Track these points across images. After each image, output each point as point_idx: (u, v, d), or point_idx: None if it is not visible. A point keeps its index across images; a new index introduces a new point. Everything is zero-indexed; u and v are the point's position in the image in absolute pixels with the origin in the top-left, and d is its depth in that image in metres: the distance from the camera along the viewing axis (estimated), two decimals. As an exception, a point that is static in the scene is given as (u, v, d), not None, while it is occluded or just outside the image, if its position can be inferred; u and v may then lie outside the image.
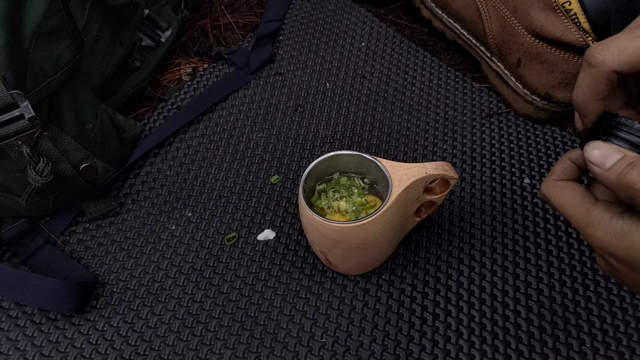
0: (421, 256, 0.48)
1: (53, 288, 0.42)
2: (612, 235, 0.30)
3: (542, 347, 0.43)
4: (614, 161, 0.29)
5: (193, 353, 0.42)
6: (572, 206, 0.32)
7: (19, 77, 0.40)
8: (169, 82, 0.62)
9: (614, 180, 0.29)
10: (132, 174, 0.53)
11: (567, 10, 0.50)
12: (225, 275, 0.46)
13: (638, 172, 0.28)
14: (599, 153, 0.30)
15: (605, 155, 0.30)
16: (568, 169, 0.35)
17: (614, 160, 0.29)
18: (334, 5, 0.71)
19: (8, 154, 0.41)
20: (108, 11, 0.54)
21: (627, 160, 0.29)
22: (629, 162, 0.28)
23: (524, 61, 0.55)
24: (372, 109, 0.59)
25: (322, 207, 0.43)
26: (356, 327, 0.44)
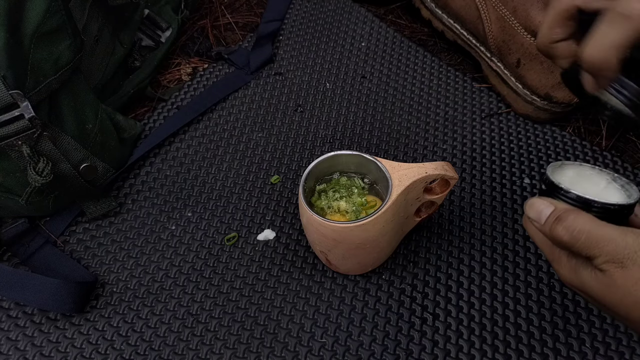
0: (421, 256, 0.48)
1: (53, 288, 0.42)
2: (568, 272, 0.32)
3: (542, 347, 0.43)
4: (547, 215, 0.31)
5: (193, 353, 0.42)
6: (541, 240, 0.34)
7: (19, 77, 0.40)
8: (169, 82, 0.62)
9: (548, 233, 0.32)
10: (132, 174, 0.53)
11: None
12: (225, 275, 0.46)
13: (563, 226, 0.30)
14: (535, 209, 0.32)
15: (539, 211, 0.32)
16: None
17: (546, 215, 0.32)
18: (334, 5, 0.71)
19: (8, 154, 0.41)
20: (108, 11, 0.54)
21: (555, 214, 0.31)
22: (557, 217, 0.31)
23: (523, 61, 0.55)
24: (372, 109, 0.59)
25: (322, 207, 0.43)
26: (356, 327, 0.44)
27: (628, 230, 0.30)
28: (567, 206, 0.31)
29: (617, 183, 0.34)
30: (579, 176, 0.35)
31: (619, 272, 0.29)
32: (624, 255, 0.29)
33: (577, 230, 0.30)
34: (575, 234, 0.30)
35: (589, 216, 0.31)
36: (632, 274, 0.28)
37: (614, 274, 0.29)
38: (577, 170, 0.35)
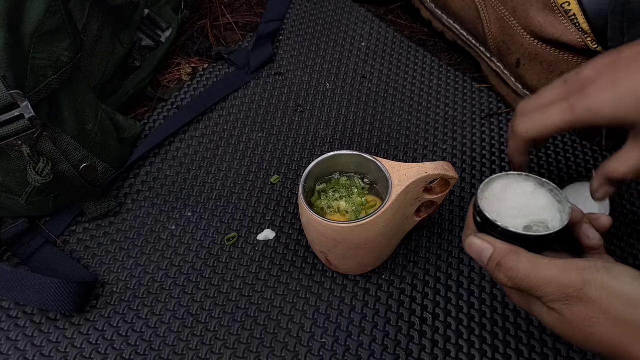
0: (421, 256, 0.48)
1: (53, 288, 0.42)
2: (522, 302, 0.33)
3: (542, 347, 0.43)
4: (487, 258, 0.32)
5: (193, 353, 0.42)
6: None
7: (19, 77, 0.40)
8: (169, 82, 0.62)
9: (492, 276, 0.33)
10: (132, 174, 0.53)
11: (567, 10, 0.50)
12: (225, 275, 0.46)
13: (504, 274, 0.31)
14: (474, 250, 0.33)
15: (479, 252, 0.33)
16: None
17: (487, 257, 0.32)
18: (334, 5, 0.71)
19: (8, 154, 0.41)
20: (108, 11, 0.54)
21: (495, 259, 0.32)
22: (497, 262, 0.32)
23: (523, 62, 0.55)
24: (372, 109, 0.59)
25: (322, 207, 0.43)
26: (356, 327, 0.44)
27: (571, 265, 0.30)
28: (505, 246, 0.32)
29: (545, 188, 0.35)
30: (508, 186, 0.35)
31: (566, 309, 0.29)
32: (568, 294, 0.29)
33: (517, 277, 0.31)
34: (517, 280, 0.31)
35: (528, 258, 0.31)
36: (579, 312, 0.29)
37: (563, 311, 0.29)
38: (505, 181, 0.36)
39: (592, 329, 0.29)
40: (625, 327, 0.28)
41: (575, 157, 0.56)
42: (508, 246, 0.32)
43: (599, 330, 0.28)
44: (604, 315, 0.28)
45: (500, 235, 0.32)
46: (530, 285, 0.30)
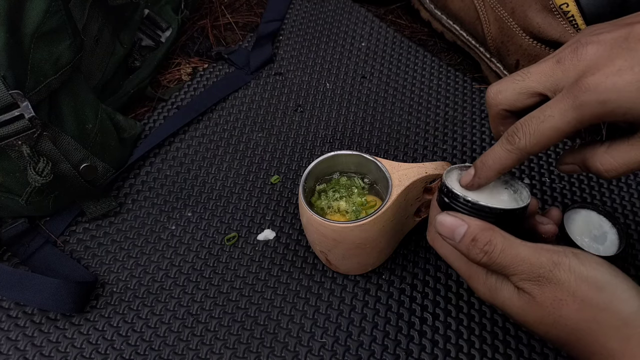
0: (421, 256, 0.48)
1: (53, 288, 0.42)
2: (488, 289, 0.32)
3: (542, 347, 0.43)
4: (461, 235, 0.31)
5: (193, 353, 0.42)
6: (455, 259, 0.35)
7: (19, 77, 0.40)
8: (169, 82, 0.62)
9: (465, 253, 0.32)
10: (132, 174, 0.53)
11: (565, 12, 0.50)
12: (225, 275, 0.46)
13: (479, 249, 0.31)
14: (447, 227, 0.32)
15: (452, 229, 0.32)
16: None
17: (460, 234, 0.31)
18: (334, 5, 0.71)
19: (8, 154, 0.41)
20: (108, 11, 0.54)
21: (470, 234, 0.31)
22: (472, 237, 0.31)
23: (522, 62, 0.55)
24: (372, 109, 0.59)
25: (322, 207, 0.43)
26: (356, 327, 0.44)
27: (541, 248, 0.30)
28: (480, 222, 0.31)
29: (499, 179, 0.35)
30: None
31: (536, 290, 0.29)
32: (539, 274, 0.29)
33: (492, 251, 0.30)
34: (491, 254, 0.30)
35: (503, 234, 0.31)
36: (548, 293, 0.29)
37: (532, 292, 0.29)
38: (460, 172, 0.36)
39: (561, 311, 0.29)
40: (592, 310, 0.28)
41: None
42: (482, 222, 0.31)
43: (567, 312, 0.29)
44: (572, 298, 0.28)
45: (469, 212, 0.32)
46: (505, 261, 0.30)
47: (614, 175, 0.31)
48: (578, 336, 0.29)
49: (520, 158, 0.31)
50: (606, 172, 0.31)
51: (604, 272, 0.29)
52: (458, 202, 0.33)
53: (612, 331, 0.28)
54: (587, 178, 0.54)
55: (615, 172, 0.30)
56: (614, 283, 0.29)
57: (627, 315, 0.28)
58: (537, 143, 0.30)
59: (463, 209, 0.33)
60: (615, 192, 0.53)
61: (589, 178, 0.54)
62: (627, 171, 0.30)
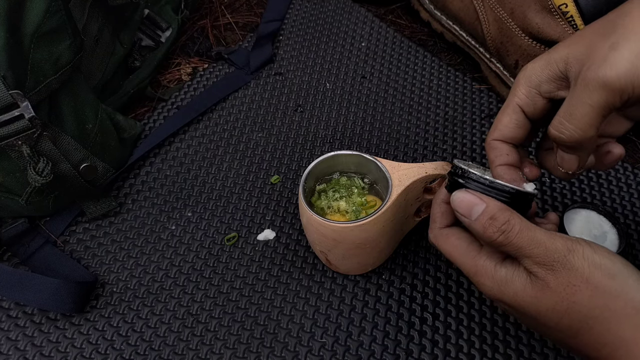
0: (421, 256, 0.48)
1: (53, 288, 0.42)
2: (498, 283, 0.32)
3: (542, 347, 0.43)
4: (479, 212, 0.31)
5: (193, 353, 0.42)
6: (460, 255, 0.34)
7: (19, 77, 0.40)
8: (169, 82, 0.62)
9: (479, 232, 0.31)
10: (132, 174, 0.53)
11: (564, 12, 0.50)
12: (225, 275, 0.46)
13: (497, 227, 0.30)
14: (465, 204, 0.32)
15: (470, 207, 0.32)
16: (445, 212, 0.36)
17: (478, 212, 0.31)
18: (334, 5, 0.71)
19: (8, 154, 0.41)
20: (108, 11, 0.54)
21: (488, 213, 0.31)
22: (490, 216, 0.31)
23: (521, 63, 0.55)
24: (372, 109, 0.59)
25: (322, 207, 0.43)
26: (356, 327, 0.44)
27: (555, 234, 0.30)
28: (498, 203, 0.31)
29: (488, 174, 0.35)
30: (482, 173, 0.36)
31: (550, 275, 0.29)
32: (553, 259, 0.29)
33: (509, 230, 0.30)
34: (509, 234, 0.30)
35: (520, 216, 0.31)
36: (563, 278, 0.29)
37: (546, 277, 0.29)
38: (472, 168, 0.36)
39: (574, 297, 0.29)
40: (604, 297, 0.28)
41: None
42: (500, 203, 0.31)
43: (581, 298, 0.29)
44: (586, 284, 0.29)
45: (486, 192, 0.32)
46: (521, 242, 0.30)
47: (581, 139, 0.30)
48: (590, 324, 0.29)
49: None
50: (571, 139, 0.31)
51: (616, 261, 0.29)
52: (473, 182, 0.32)
53: (624, 319, 0.28)
54: (587, 178, 0.54)
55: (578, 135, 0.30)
56: (626, 272, 0.29)
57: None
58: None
59: (478, 188, 0.32)
60: (615, 192, 0.53)
61: (588, 178, 0.54)
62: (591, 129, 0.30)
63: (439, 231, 0.36)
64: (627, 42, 0.28)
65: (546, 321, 0.30)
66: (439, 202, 0.36)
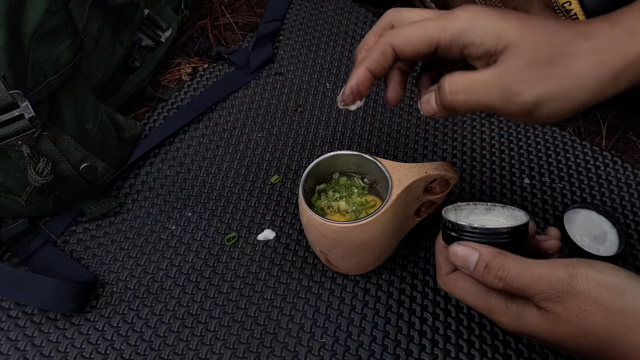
0: (421, 256, 0.48)
1: (53, 288, 0.42)
2: (513, 319, 0.32)
3: (542, 347, 0.43)
4: (474, 263, 0.32)
5: (193, 353, 0.42)
6: (471, 297, 0.34)
7: (19, 77, 0.40)
8: (169, 82, 0.62)
9: (480, 280, 0.32)
10: (132, 174, 0.53)
11: (567, 10, 0.50)
12: (225, 275, 0.46)
13: (494, 275, 0.31)
14: (460, 257, 0.32)
15: (465, 258, 0.32)
16: (448, 258, 0.36)
17: (474, 262, 0.32)
18: (334, 5, 0.71)
19: (8, 154, 0.41)
20: (108, 11, 0.54)
21: (483, 262, 0.31)
22: (485, 264, 0.31)
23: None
24: (372, 109, 0.59)
25: (322, 207, 0.43)
26: (356, 327, 0.44)
27: (555, 263, 0.30)
28: (491, 249, 0.32)
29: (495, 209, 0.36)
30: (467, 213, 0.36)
31: (559, 307, 0.29)
32: (558, 290, 0.29)
33: (508, 276, 0.30)
34: (507, 280, 0.30)
35: (514, 257, 0.31)
36: (572, 306, 0.29)
37: (556, 310, 0.29)
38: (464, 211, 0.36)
39: (588, 321, 0.29)
40: (617, 315, 0.28)
41: (575, 157, 0.56)
42: (492, 249, 0.32)
43: (594, 321, 0.29)
44: (596, 306, 0.29)
45: (478, 239, 0.33)
46: (522, 283, 0.30)
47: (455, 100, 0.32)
48: (610, 343, 0.29)
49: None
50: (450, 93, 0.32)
51: (621, 277, 0.29)
52: (465, 232, 0.33)
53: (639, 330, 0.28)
54: (587, 178, 0.54)
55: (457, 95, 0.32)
56: (633, 286, 0.29)
57: None
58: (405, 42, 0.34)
59: (471, 237, 0.33)
60: (615, 192, 0.53)
61: (588, 178, 0.54)
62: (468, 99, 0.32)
63: (446, 278, 0.36)
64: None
65: (567, 346, 0.31)
66: (440, 248, 0.37)
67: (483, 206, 0.36)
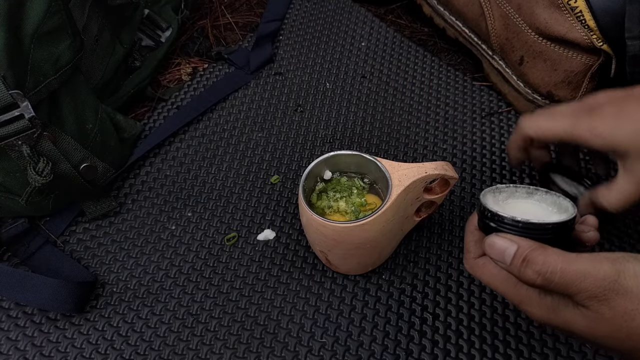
0: (421, 256, 0.48)
1: (53, 288, 0.42)
2: (544, 311, 0.30)
3: (542, 347, 0.43)
4: (511, 256, 0.30)
5: (193, 353, 0.42)
6: (500, 284, 0.33)
7: (19, 77, 0.40)
8: (169, 82, 0.62)
9: (517, 275, 0.30)
10: (132, 174, 0.53)
11: (572, 7, 0.50)
12: (225, 275, 0.46)
13: (533, 270, 0.29)
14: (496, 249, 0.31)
15: (502, 251, 0.30)
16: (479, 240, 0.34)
17: (511, 255, 0.30)
18: (334, 5, 0.70)
19: (8, 154, 0.41)
20: (108, 11, 0.54)
21: (521, 255, 0.29)
22: (523, 258, 0.29)
23: (527, 59, 0.55)
24: (372, 109, 0.59)
25: (322, 207, 0.43)
26: (356, 327, 0.44)
27: (599, 257, 0.28)
28: (530, 242, 0.30)
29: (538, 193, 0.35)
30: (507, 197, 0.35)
31: (604, 307, 0.27)
32: (604, 288, 0.27)
33: (549, 271, 0.28)
34: (548, 275, 0.28)
35: (556, 251, 0.29)
36: (618, 306, 0.27)
37: (600, 309, 0.28)
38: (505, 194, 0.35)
39: (634, 322, 0.27)
40: None
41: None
42: (532, 242, 0.30)
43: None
44: None
45: (519, 233, 0.31)
46: (565, 280, 0.28)
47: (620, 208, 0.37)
48: None
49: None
50: (611, 206, 0.37)
51: None
52: (505, 225, 0.31)
53: None
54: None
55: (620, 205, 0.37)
56: None
57: None
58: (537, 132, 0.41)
59: (511, 230, 0.31)
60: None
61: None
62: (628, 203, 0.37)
63: (474, 262, 0.34)
64: None
65: (606, 344, 0.29)
66: (472, 230, 0.35)
67: (524, 189, 0.34)
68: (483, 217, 0.33)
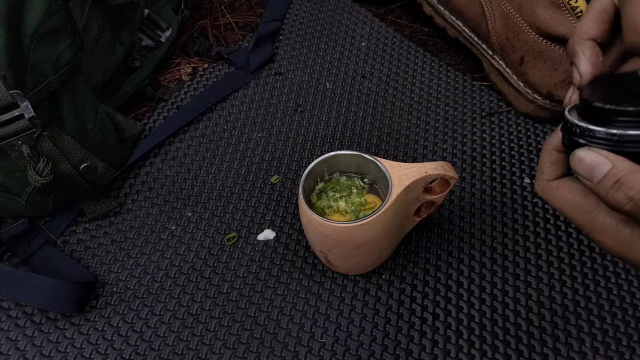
0: (421, 256, 0.48)
1: (53, 288, 0.42)
2: (620, 243, 0.27)
3: (542, 347, 0.43)
4: (602, 175, 0.26)
5: (193, 353, 0.42)
6: (573, 210, 0.30)
7: (19, 77, 0.40)
8: (169, 82, 0.62)
9: (603, 196, 0.27)
10: (132, 174, 0.53)
11: (573, 7, 0.50)
12: (225, 275, 0.46)
13: (626, 194, 0.25)
14: (586, 165, 0.27)
15: (592, 167, 0.27)
16: (557, 162, 0.31)
17: (601, 174, 0.26)
18: (334, 5, 0.70)
19: (8, 154, 0.41)
20: (108, 11, 0.54)
21: (614, 176, 0.26)
22: (616, 179, 0.26)
23: (527, 59, 0.55)
24: (372, 109, 0.59)
25: (322, 207, 0.43)
26: (356, 327, 0.44)
27: None
28: (628, 164, 0.26)
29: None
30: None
31: None
32: None
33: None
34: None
35: None
36: None
37: None
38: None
39: None
40: None
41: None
42: (631, 163, 0.26)
43: None
44: None
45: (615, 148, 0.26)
46: None
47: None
48: None
49: None
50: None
51: None
52: (598, 139, 0.27)
53: None
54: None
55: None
56: None
57: None
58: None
59: (604, 146, 0.27)
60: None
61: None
62: None
63: (546, 184, 0.31)
64: None
65: None
66: (550, 150, 0.31)
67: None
68: (569, 134, 0.28)
